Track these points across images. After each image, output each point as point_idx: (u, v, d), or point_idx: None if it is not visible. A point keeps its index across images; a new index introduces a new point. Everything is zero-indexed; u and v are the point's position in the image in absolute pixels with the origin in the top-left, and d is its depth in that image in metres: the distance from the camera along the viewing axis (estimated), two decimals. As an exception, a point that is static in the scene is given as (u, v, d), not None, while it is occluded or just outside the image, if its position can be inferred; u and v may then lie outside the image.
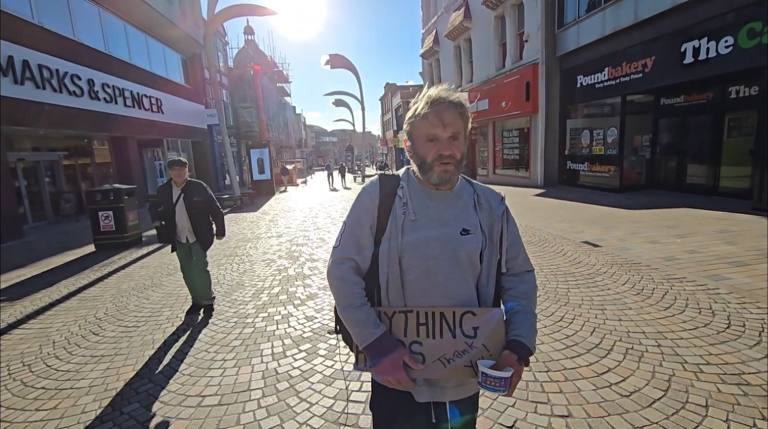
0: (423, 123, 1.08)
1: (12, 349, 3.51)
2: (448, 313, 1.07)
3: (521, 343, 1.08)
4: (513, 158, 16.25)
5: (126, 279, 5.62)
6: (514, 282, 1.19)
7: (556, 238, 6.38)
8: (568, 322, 3.35)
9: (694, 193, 9.54)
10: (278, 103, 39.87)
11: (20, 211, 10.43)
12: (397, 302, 1.12)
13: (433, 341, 1.07)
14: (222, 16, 15.35)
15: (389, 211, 1.13)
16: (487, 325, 1.07)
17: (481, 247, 1.12)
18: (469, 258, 1.11)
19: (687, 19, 8.82)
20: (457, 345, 1.07)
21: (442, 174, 1.08)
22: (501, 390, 0.99)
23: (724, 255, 4.81)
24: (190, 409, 2.47)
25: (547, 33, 13.22)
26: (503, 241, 1.16)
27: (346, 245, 1.16)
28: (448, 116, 1.05)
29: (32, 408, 2.58)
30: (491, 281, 1.15)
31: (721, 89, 8.71)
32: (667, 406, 2.21)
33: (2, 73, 8.58)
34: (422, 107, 1.08)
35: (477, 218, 1.14)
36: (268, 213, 12.29)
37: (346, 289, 1.13)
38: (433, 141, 1.07)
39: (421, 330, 1.08)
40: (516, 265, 1.20)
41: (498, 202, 1.18)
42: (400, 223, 1.11)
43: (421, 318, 1.08)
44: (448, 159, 1.06)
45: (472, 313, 1.07)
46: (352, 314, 1.11)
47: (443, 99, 1.07)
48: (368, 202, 1.16)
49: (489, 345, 1.07)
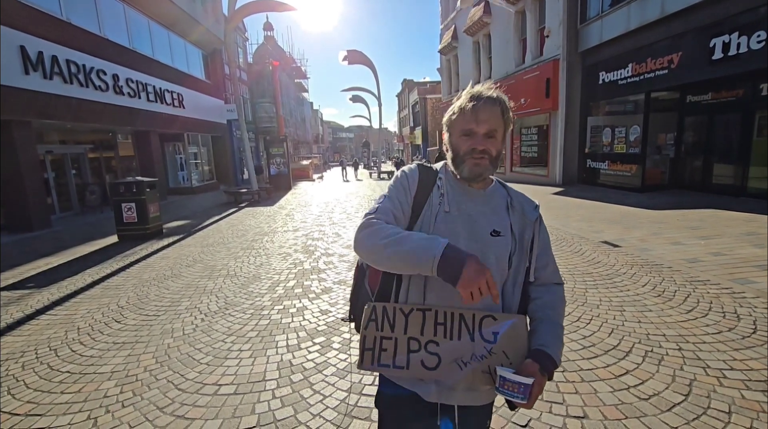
0: (461, 117, 1.08)
1: (40, 334, 3.65)
2: (467, 315, 1.03)
3: (545, 353, 1.02)
4: (531, 156, 16.00)
5: (147, 269, 5.77)
6: (540, 292, 1.14)
7: (575, 237, 6.27)
8: (585, 323, 3.30)
9: (721, 194, 9.22)
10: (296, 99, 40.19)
11: (48, 202, 10.81)
12: (415, 298, 1.09)
13: (450, 342, 1.03)
14: (242, 12, 15.49)
15: (426, 199, 1.12)
16: (509, 331, 1.02)
17: (510, 250, 1.08)
18: (497, 261, 1.06)
19: (717, 13, 8.49)
20: (476, 349, 1.02)
21: (473, 168, 1.06)
22: (519, 397, 0.93)
23: (750, 258, 4.64)
24: (207, 397, 2.53)
25: (569, 28, 12.93)
26: (533, 249, 1.12)
27: (380, 211, 1.09)
28: (486, 113, 1.04)
29: (58, 391, 2.68)
30: (517, 289, 1.11)
31: (752, 86, 8.38)
32: (687, 411, 2.15)
33: (33, 68, 8.88)
34: (462, 102, 1.08)
35: (508, 220, 1.11)
36: (285, 207, 12.42)
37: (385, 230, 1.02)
38: (468, 136, 1.06)
39: (439, 330, 1.04)
40: (544, 275, 1.15)
41: (532, 208, 1.15)
42: (435, 212, 1.09)
43: (439, 317, 1.04)
44: (480, 154, 1.05)
45: (492, 318, 1.03)
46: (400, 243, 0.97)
47: (484, 95, 1.06)
48: (406, 184, 1.14)
49: (509, 352, 1.02)
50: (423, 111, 35.96)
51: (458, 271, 0.90)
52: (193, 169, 18.36)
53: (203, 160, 19.76)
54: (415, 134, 40.18)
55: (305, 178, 26.15)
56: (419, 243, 0.96)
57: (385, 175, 26.36)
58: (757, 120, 8.53)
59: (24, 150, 9.17)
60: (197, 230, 8.86)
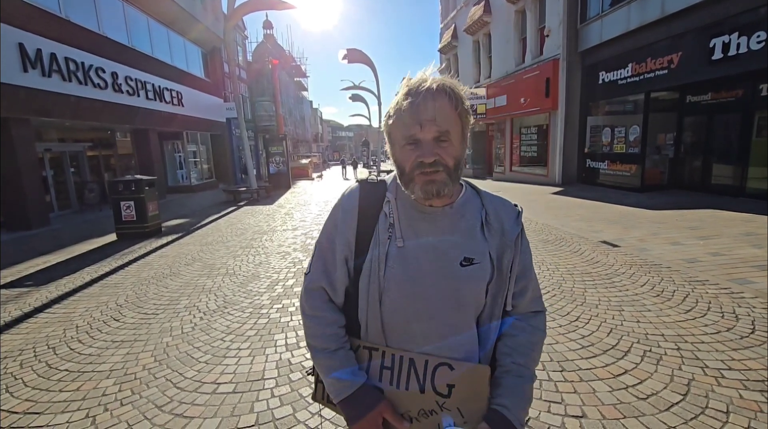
0: (399, 121, 0.82)
1: (38, 332, 3.65)
2: (419, 360, 0.85)
3: (503, 416, 0.83)
4: (531, 155, 16.00)
5: (146, 268, 5.76)
6: (516, 329, 0.92)
7: (574, 237, 6.27)
8: (584, 322, 3.30)
9: (720, 194, 9.23)
10: (296, 98, 40.13)
11: (47, 200, 10.79)
12: (375, 338, 0.90)
13: (396, 391, 0.87)
14: (242, 10, 15.46)
15: (371, 233, 0.89)
16: (467, 385, 0.84)
17: (488, 279, 0.87)
18: (474, 296, 0.87)
19: (717, 14, 8.50)
20: (425, 403, 0.85)
21: (426, 186, 0.81)
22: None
23: (749, 258, 4.65)
24: (206, 395, 2.53)
25: (569, 28, 12.93)
26: (513, 271, 0.90)
27: (316, 275, 0.94)
28: (430, 110, 0.79)
29: (56, 389, 2.68)
30: (494, 322, 0.90)
31: (752, 87, 8.39)
32: (685, 411, 2.15)
33: (32, 65, 8.86)
34: (398, 100, 0.83)
35: (484, 243, 0.88)
36: (284, 206, 12.41)
37: (318, 330, 0.92)
38: (413, 144, 0.81)
39: (385, 374, 0.88)
40: (522, 303, 0.93)
41: (513, 220, 0.91)
42: (384, 251, 0.87)
43: (386, 360, 0.87)
44: (431, 167, 0.80)
45: (449, 367, 0.84)
46: (323, 361, 0.90)
47: (423, 87, 0.80)
48: (343, 222, 0.92)
49: (465, 410, 0.85)
50: (422, 110, 35.97)
51: (353, 419, 0.87)
52: (192, 168, 18.34)
53: (202, 159, 19.73)
54: (414, 133, 40.08)
55: (305, 176, 26.14)
56: (337, 376, 0.88)
57: (384, 174, 26.30)
58: (757, 120, 8.54)
59: (23, 148, 9.15)
60: (196, 229, 8.85)
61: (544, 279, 4.42)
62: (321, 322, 0.92)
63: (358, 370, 0.90)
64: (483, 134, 20.98)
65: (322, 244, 0.95)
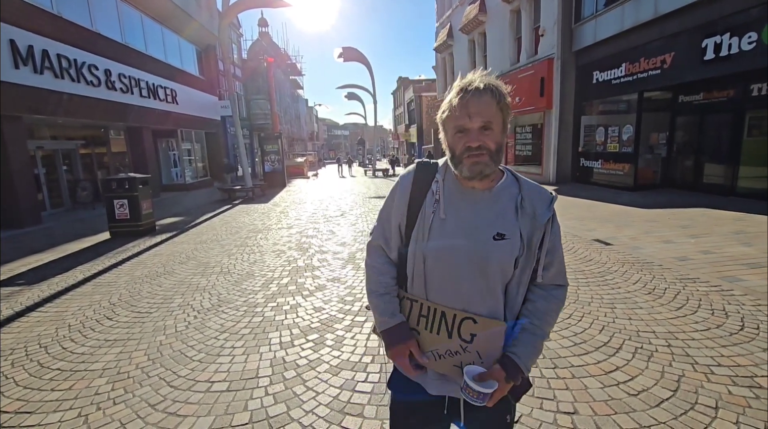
0: (452, 114, 1.02)
1: (29, 331, 3.62)
2: (449, 313, 1.05)
3: (513, 361, 1.02)
4: (525, 154, 16.07)
5: (139, 266, 5.73)
6: (537, 295, 1.09)
7: (567, 235, 6.31)
8: (576, 320, 3.33)
9: (711, 193, 9.33)
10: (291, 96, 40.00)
11: (39, 198, 10.68)
12: (418, 290, 1.11)
13: (429, 334, 1.09)
14: (237, 7, 15.38)
15: (420, 206, 1.09)
16: (486, 335, 1.03)
17: (517, 254, 1.03)
18: (500, 265, 1.03)
19: (709, 14, 8.57)
20: (451, 345, 1.06)
21: (472, 166, 1.00)
22: (478, 402, 0.98)
23: (739, 256, 4.71)
24: (199, 394, 2.52)
25: (563, 27, 12.98)
26: (542, 249, 1.06)
27: (377, 236, 1.20)
28: (477, 105, 0.98)
29: (48, 388, 2.66)
30: (522, 289, 1.08)
31: (743, 87, 8.47)
32: (675, 407, 2.18)
33: (23, 62, 8.76)
34: (451, 98, 1.02)
35: (516, 223, 1.04)
36: (279, 205, 12.38)
37: (373, 277, 1.18)
38: (462, 132, 1.01)
39: (421, 321, 1.10)
40: (546, 276, 1.09)
41: (546, 206, 1.07)
42: (429, 222, 1.07)
43: (423, 310, 1.09)
44: (477, 151, 0.99)
45: (473, 321, 1.04)
46: (374, 300, 1.17)
47: (472, 86, 0.99)
48: (399, 196, 1.14)
49: (483, 354, 1.04)
50: (418, 109, 35.99)
51: (388, 346, 1.13)
52: (186, 166, 18.22)
53: (197, 157, 19.62)
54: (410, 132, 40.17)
55: (300, 175, 26.07)
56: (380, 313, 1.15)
57: (379, 173, 26.36)
58: (748, 120, 8.63)
59: (14, 145, 9.04)
60: (190, 227, 8.81)
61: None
62: (375, 271, 1.18)
63: (398, 312, 1.14)
64: (478, 133, 21.03)
65: (382, 213, 1.20)
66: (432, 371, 1.12)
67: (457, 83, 1.03)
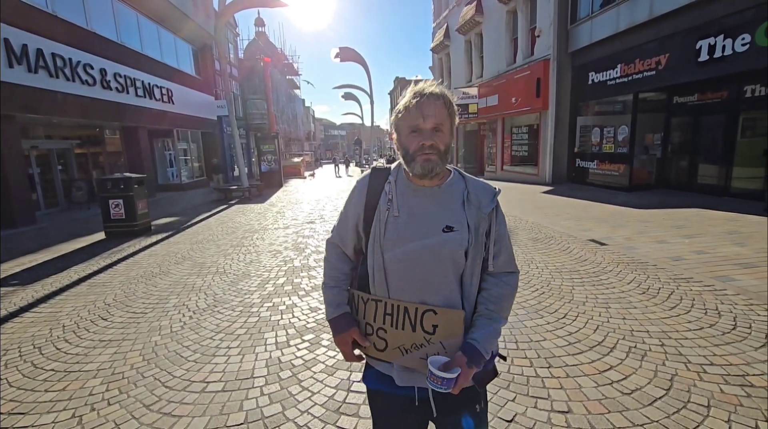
0: (407, 115, 1.10)
1: (23, 332, 3.60)
2: (411, 308, 1.11)
3: (474, 347, 1.08)
4: (522, 155, 16.13)
5: (135, 266, 5.70)
6: (490, 283, 1.17)
7: (563, 235, 6.34)
8: (571, 319, 3.35)
9: (705, 194, 9.40)
10: (288, 96, 39.89)
11: (33, 198, 10.61)
12: (381, 292, 1.16)
13: (395, 331, 1.14)
14: (233, 7, 15.35)
15: (375, 206, 1.17)
16: (446, 324, 1.09)
17: (466, 244, 1.11)
18: (451, 256, 1.10)
19: (704, 16, 8.64)
20: (416, 338, 1.12)
21: (424, 163, 1.08)
22: (443, 388, 1.03)
23: (732, 256, 4.75)
24: (194, 394, 2.52)
25: (559, 28, 13.05)
26: (489, 239, 1.15)
27: (334, 235, 1.31)
28: (431, 108, 1.07)
29: (42, 389, 2.65)
30: (475, 279, 1.15)
31: (737, 88, 8.55)
32: (668, 405, 2.20)
33: (17, 61, 8.71)
34: (407, 100, 1.11)
35: (464, 215, 1.12)
36: (276, 205, 12.36)
37: (327, 271, 1.30)
38: (416, 132, 1.09)
39: (387, 319, 1.15)
40: (497, 264, 1.17)
41: (489, 199, 1.15)
42: (384, 219, 1.14)
43: (387, 309, 1.15)
44: (429, 149, 1.08)
45: (433, 312, 1.10)
46: (325, 292, 1.28)
47: (426, 92, 1.09)
48: (356, 199, 1.23)
49: (446, 343, 1.10)
50: (415, 109, 36.08)
51: (333, 334, 1.23)
52: (182, 166, 18.16)
53: (193, 157, 19.54)
54: (407, 132, 40.11)
55: (297, 175, 26.03)
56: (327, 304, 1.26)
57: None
58: (741, 121, 8.71)
59: (8, 145, 8.98)
60: (186, 227, 8.78)
61: (533, 277, 4.47)
62: (329, 266, 1.29)
63: (344, 304, 1.25)
64: (475, 133, 21.09)
65: (341, 214, 1.29)
66: (398, 365, 1.17)
67: (412, 89, 1.12)
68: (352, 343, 1.21)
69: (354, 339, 1.20)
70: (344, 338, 1.21)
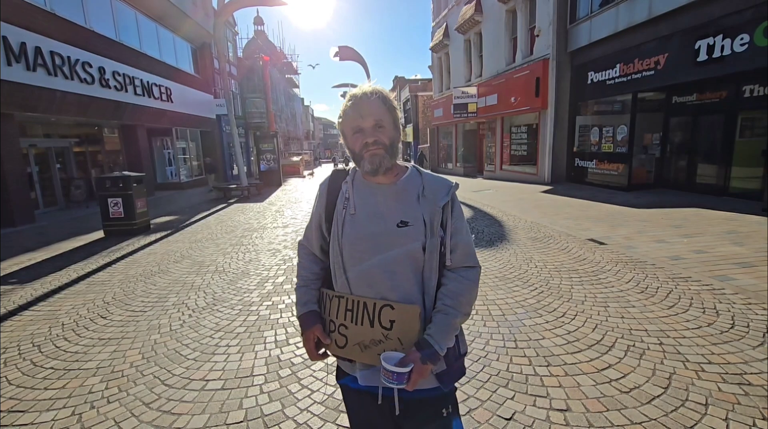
0: (346, 118, 1.14)
1: (22, 330, 3.60)
2: (369, 303, 1.12)
3: (427, 341, 1.08)
4: (521, 154, 16.13)
5: (134, 265, 5.70)
6: (448, 279, 1.16)
7: (562, 235, 6.35)
8: (570, 318, 3.36)
9: (704, 193, 9.42)
10: (287, 95, 39.85)
11: (32, 197, 10.59)
12: (343, 289, 1.18)
13: (355, 327, 1.15)
14: (232, 6, 15.33)
15: (334, 206, 1.21)
16: (403, 319, 1.09)
17: (423, 239, 1.11)
18: (407, 252, 1.11)
19: (702, 16, 8.65)
20: (374, 334, 1.12)
21: (372, 158, 1.12)
22: (395, 383, 1.02)
23: (731, 256, 4.76)
24: (194, 392, 2.52)
25: (558, 28, 13.04)
26: (445, 233, 1.14)
27: (304, 235, 1.36)
28: (368, 107, 1.11)
29: (41, 387, 2.65)
30: (434, 274, 1.14)
31: (736, 88, 8.55)
32: (666, 404, 2.21)
33: (16, 59, 8.68)
34: (345, 103, 1.15)
35: (419, 210, 1.13)
36: (275, 204, 12.36)
37: (298, 270, 1.34)
38: (358, 132, 1.13)
39: (348, 315, 1.16)
40: (454, 259, 1.16)
41: (444, 193, 1.15)
42: (341, 218, 1.17)
43: (348, 305, 1.16)
44: (374, 145, 1.11)
45: (390, 307, 1.10)
46: (296, 291, 1.31)
47: (361, 92, 1.13)
48: (318, 201, 1.28)
49: (403, 339, 1.10)
50: (414, 108, 35.94)
51: (301, 332, 1.25)
52: (181, 165, 18.12)
53: (192, 156, 19.50)
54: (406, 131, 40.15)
55: (296, 174, 26.02)
56: (296, 302, 1.29)
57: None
58: (740, 121, 8.71)
59: (6, 143, 8.96)
60: (185, 226, 8.78)
61: (532, 276, 4.48)
62: (299, 266, 1.34)
63: (311, 302, 1.27)
64: (474, 133, 21.09)
65: (310, 216, 1.32)
66: (361, 363, 1.17)
67: (349, 92, 1.18)
68: (315, 341, 1.22)
69: (317, 336, 1.21)
70: (308, 336, 1.22)
